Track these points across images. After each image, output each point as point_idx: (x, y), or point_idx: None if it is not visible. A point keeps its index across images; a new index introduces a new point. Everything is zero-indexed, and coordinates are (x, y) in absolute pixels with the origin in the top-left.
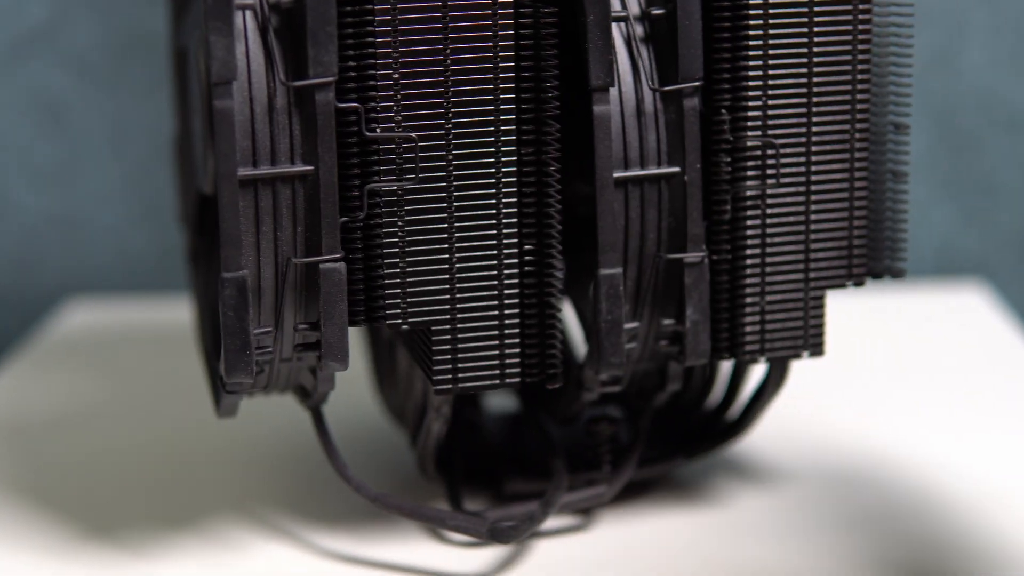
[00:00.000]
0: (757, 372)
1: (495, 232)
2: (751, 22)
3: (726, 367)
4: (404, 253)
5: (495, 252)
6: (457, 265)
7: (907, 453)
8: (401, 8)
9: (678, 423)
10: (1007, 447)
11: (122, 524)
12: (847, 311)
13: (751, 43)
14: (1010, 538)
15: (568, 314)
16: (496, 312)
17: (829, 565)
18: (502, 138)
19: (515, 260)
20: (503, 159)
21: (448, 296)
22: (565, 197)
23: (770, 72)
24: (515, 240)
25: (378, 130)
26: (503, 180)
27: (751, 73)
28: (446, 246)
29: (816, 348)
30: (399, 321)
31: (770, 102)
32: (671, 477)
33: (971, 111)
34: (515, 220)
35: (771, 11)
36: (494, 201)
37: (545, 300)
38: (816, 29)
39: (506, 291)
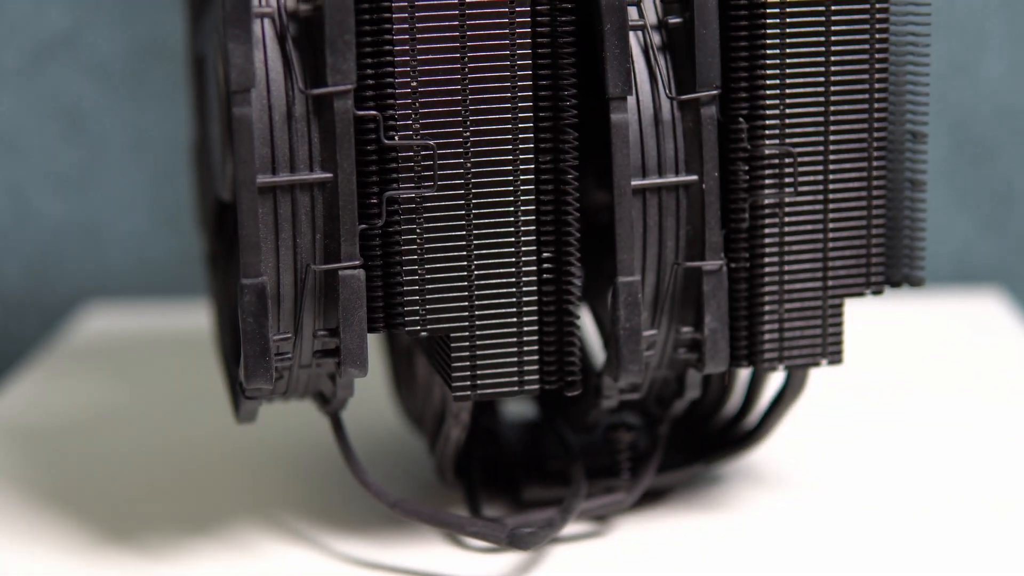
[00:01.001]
0: (775, 380)
1: (513, 239)
2: (768, 30)
3: (744, 375)
4: (423, 260)
5: (514, 259)
6: (476, 272)
7: (926, 460)
8: (419, 16)
9: (696, 430)
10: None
11: (141, 528)
12: (865, 318)
13: (768, 51)
14: None
15: (586, 321)
16: (515, 319)
17: (850, 573)
18: (520, 146)
19: (533, 267)
20: (521, 167)
21: (467, 303)
22: (583, 205)
23: (788, 80)
24: (533, 247)
25: (396, 138)
26: (521, 188)
27: (769, 81)
28: (465, 253)
29: (834, 356)
30: (418, 328)
31: (788, 110)
32: (689, 484)
33: (989, 119)
34: (533, 227)
35: (788, 19)
36: (512, 208)
37: (564, 307)
38: (833, 38)
39: (525, 298)
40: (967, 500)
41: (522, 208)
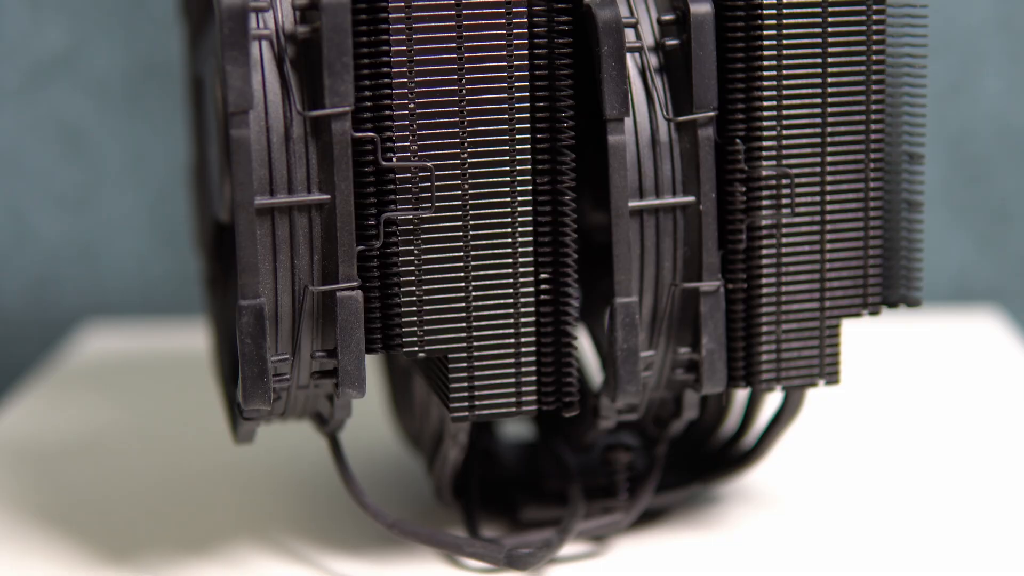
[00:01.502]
0: (772, 400)
1: (511, 261)
2: (765, 52)
3: (741, 394)
4: (420, 281)
5: (511, 280)
6: (473, 293)
7: (924, 481)
8: (416, 39)
9: (694, 450)
10: (1022, 475)
11: (139, 548)
12: (863, 337)
13: (765, 73)
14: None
15: (583, 341)
16: (512, 340)
17: None
18: (517, 167)
19: (531, 288)
20: (519, 188)
21: (464, 324)
22: (581, 225)
23: (784, 102)
24: (531, 269)
25: (394, 159)
26: (519, 209)
27: (765, 103)
28: (462, 274)
29: (831, 377)
30: (416, 349)
31: (784, 132)
32: (687, 504)
33: (986, 139)
34: (531, 249)
35: (785, 41)
36: (510, 230)
37: (561, 328)
38: (830, 60)
39: (522, 319)
40: (966, 520)
41: (519, 229)
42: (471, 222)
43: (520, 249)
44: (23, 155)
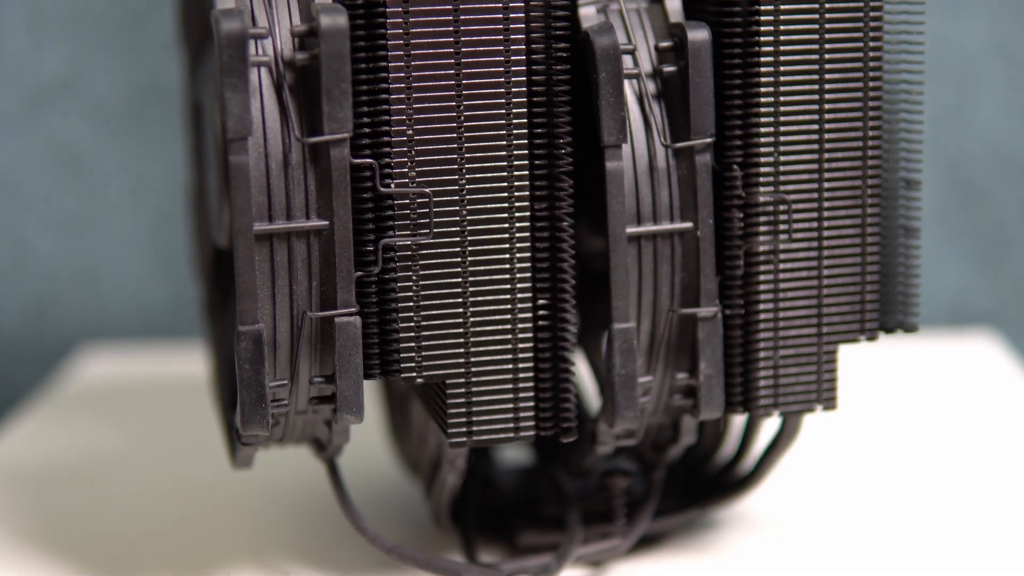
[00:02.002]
0: (770, 425)
1: (509, 286)
2: (762, 79)
3: (739, 420)
4: (418, 307)
5: (509, 306)
6: (471, 319)
7: (922, 505)
8: (415, 65)
9: (691, 476)
10: (1020, 499)
11: (137, 573)
12: (860, 361)
13: (762, 99)
14: None
15: (581, 366)
16: (510, 366)
17: None
18: (515, 194)
19: (529, 314)
20: (516, 214)
21: (462, 350)
22: (579, 251)
23: (782, 128)
24: (529, 294)
25: (392, 185)
26: (517, 235)
27: (763, 129)
28: (460, 300)
29: (829, 402)
30: (414, 375)
31: (782, 158)
32: (685, 530)
33: (983, 163)
34: (529, 275)
35: (782, 68)
36: (508, 256)
37: (559, 354)
38: (827, 86)
39: (520, 345)
40: (964, 544)
41: (517, 255)
42: (469, 248)
43: (518, 275)
44: (22, 179)
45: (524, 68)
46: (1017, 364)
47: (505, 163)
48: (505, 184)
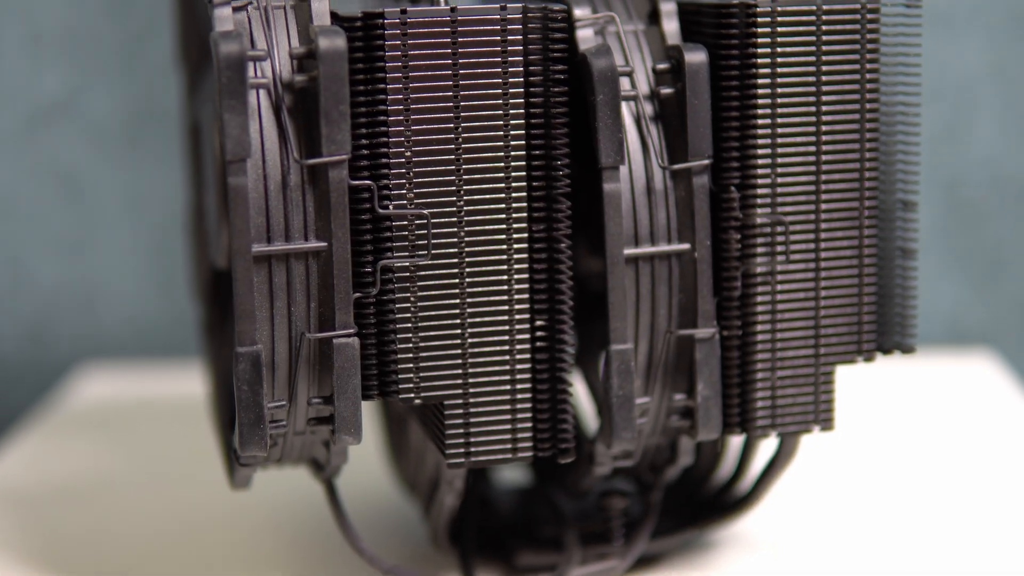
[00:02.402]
0: (767, 446)
1: (507, 308)
2: (759, 100)
3: (736, 440)
4: (417, 328)
5: (507, 327)
6: (469, 340)
7: (919, 525)
8: (413, 87)
9: (689, 496)
10: (1018, 518)
11: None
12: (857, 380)
13: (760, 121)
14: None
15: (578, 386)
16: (508, 387)
17: None
18: (513, 215)
19: (527, 335)
20: (514, 236)
21: (460, 371)
22: (576, 271)
23: (779, 150)
24: (527, 315)
25: (391, 207)
26: (515, 257)
27: (760, 151)
28: (458, 321)
29: (826, 423)
30: (412, 395)
31: (779, 180)
32: (682, 550)
33: (979, 184)
34: (526, 296)
35: (779, 90)
36: (506, 277)
37: (557, 375)
38: (824, 108)
39: (518, 366)
40: (962, 565)
41: (515, 277)
42: (467, 269)
43: (516, 296)
44: (20, 200)
45: (522, 90)
46: (1014, 383)
47: (503, 185)
48: (503, 206)
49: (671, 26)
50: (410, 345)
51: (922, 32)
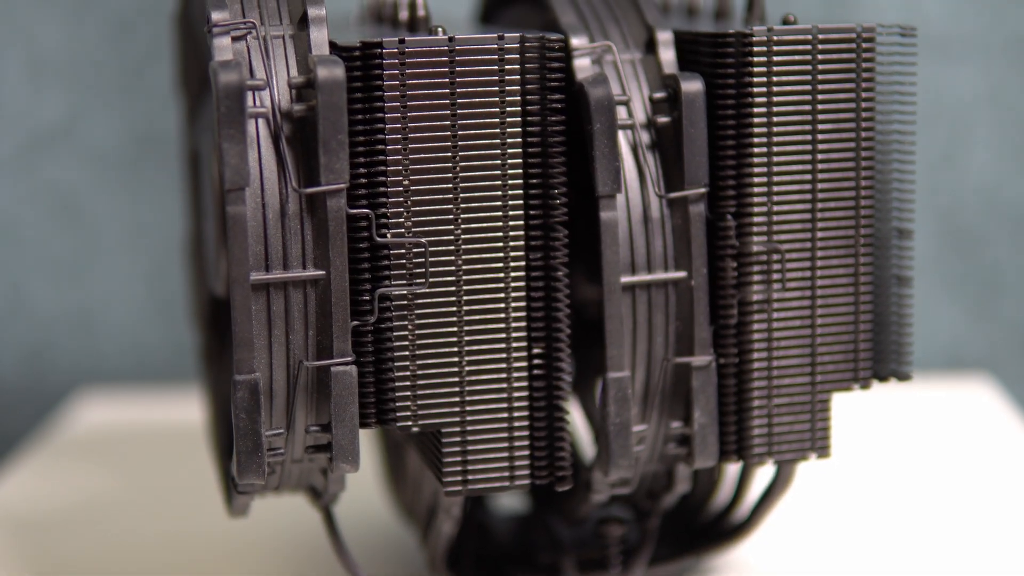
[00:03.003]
0: (764, 473)
1: (504, 336)
2: (755, 129)
3: (733, 468)
4: (414, 356)
5: (504, 355)
6: (467, 368)
7: (917, 552)
8: (411, 116)
9: (686, 523)
10: (1017, 546)
11: None
12: (854, 405)
13: (756, 150)
14: None
15: (575, 413)
16: (506, 415)
17: None
18: (511, 243)
19: (524, 363)
20: (512, 264)
21: (458, 399)
22: (573, 299)
23: (775, 178)
24: (524, 344)
25: (388, 235)
26: (512, 285)
27: (756, 179)
28: (456, 349)
29: (823, 451)
30: (409, 424)
31: (775, 208)
32: None
33: (975, 210)
34: (524, 324)
35: (775, 118)
36: (503, 305)
37: (554, 403)
38: (820, 135)
39: (515, 394)
40: None
41: (513, 305)
42: (465, 297)
43: (513, 324)
44: (19, 225)
45: (519, 119)
46: (1012, 409)
47: (501, 213)
48: (500, 234)
49: (668, 55)
50: (408, 373)
51: (917, 59)
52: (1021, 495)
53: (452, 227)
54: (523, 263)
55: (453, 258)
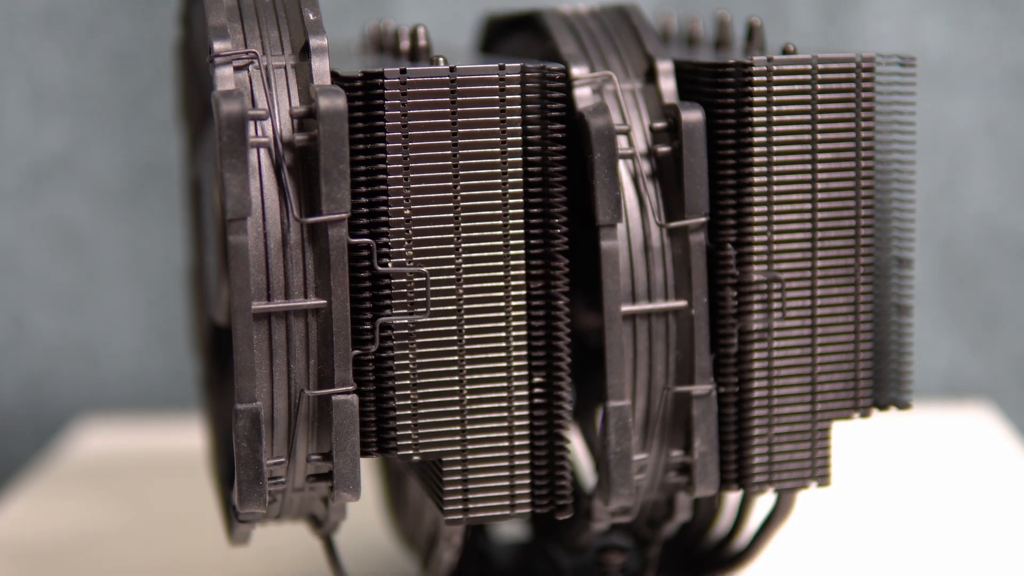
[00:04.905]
0: (764, 501)
1: (505, 365)
2: (755, 159)
3: (733, 496)
4: (415, 385)
5: (505, 384)
6: (468, 397)
7: None
8: (412, 146)
9: (686, 552)
10: (1017, 573)
11: None
12: (854, 433)
13: (756, 179)
14: None
15: (575, 442)
16: (506, 444)
17: None
18: (511, 273)
19: (525, 392)
20: (512, 293)
21: (459, 428)
22: (574, 327)
23: (775, 207)
24: (525, 372)
25: (390, 265)
26: (513, 314)
27: (756, 209)
28: (457, 378)
29: (822, 479)
30: (410, 452)
31: (775, 237)
32: None
33: (975, 240)
34: (524, 353)
35: (775, 148)
36: (504, 335)
37: (555, 432)
38: (820, 165)
39: (516, 423)
40: None
41: (514, 334)
42: (465, 327)
43: (514, 353)
44: (21, 255)
45: (520, 149)
46: (1012, 437)
47: (501, 243)
48: (501, 263)
49: (668, 85)
50: (409, 402)
51: (917, 89)
52: (1021, 523)
53: (453, 256)
54: (524, 292)
55: (454, 287)
